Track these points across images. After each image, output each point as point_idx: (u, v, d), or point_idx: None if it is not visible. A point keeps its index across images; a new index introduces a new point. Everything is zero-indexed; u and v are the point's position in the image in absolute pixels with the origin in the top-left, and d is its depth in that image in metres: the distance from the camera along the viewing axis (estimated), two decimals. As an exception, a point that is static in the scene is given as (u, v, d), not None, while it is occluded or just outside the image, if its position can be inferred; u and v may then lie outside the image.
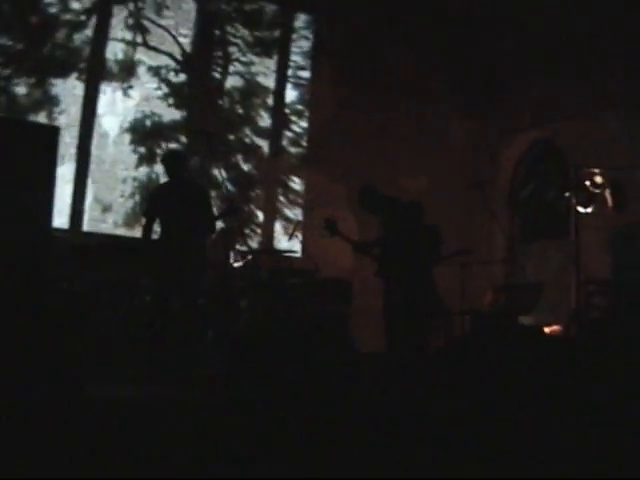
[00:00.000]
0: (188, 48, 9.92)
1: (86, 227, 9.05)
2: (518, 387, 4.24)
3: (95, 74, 9.20)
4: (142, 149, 9.49)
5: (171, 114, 9.74)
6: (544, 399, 4.11)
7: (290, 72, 10.69)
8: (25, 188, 4.54)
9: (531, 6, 10.04)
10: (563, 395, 4.16)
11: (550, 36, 9.94)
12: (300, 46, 10.79)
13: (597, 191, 8.27)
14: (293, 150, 10.58)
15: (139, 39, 9.55)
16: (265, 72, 10.43)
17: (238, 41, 10.27)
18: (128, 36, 9.46)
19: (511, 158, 11.06)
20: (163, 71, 9.74)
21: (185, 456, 3.38)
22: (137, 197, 9.34)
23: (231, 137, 10.02)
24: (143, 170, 9.43)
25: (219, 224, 7.00)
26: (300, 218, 9.92)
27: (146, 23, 9.58)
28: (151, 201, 6.67)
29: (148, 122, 9.59)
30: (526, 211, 10.72)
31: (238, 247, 7.83)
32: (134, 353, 6.46)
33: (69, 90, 9.00)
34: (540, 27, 10.10)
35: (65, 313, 4.38)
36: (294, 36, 10.81)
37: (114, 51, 9.37)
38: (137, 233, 8.90)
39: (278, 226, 10.19)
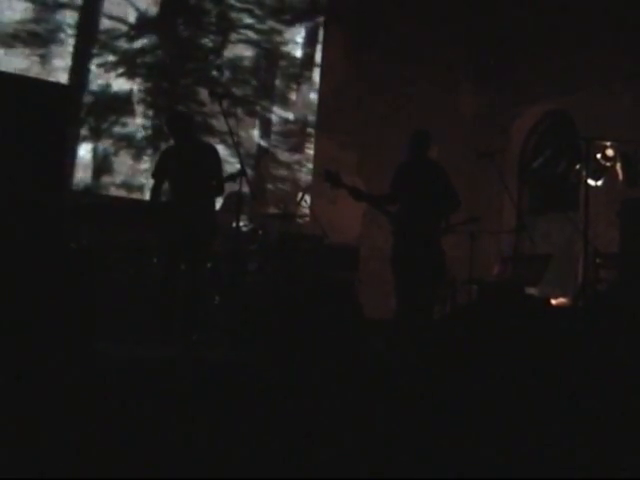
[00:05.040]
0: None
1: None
2: (523, 359, 4.25)
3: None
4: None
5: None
6: (549, 371, 4.13)
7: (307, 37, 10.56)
8: (39, 147, 4.54)
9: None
10: (568, 368, 4.18)
11: (564, 7, 9.83)
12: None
13: (608, 164, 8.23)
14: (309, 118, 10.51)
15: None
16: (283, 41, 10.26)
17: (252, 7, 9.96)
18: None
19: (522, 129, 11.01)
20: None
21: (188, 420, 3.41)
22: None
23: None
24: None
25: (230, 187, 6.92)
26: (309, 184, 9.92)
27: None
28: (160, 163, 6.55)
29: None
30: (536, 182, 10.70)
31: (247, 210, 7.80)
32: (140, 314, 6.48)
33: None
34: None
35: (76, 271, 4.40)
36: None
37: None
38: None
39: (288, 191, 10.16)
